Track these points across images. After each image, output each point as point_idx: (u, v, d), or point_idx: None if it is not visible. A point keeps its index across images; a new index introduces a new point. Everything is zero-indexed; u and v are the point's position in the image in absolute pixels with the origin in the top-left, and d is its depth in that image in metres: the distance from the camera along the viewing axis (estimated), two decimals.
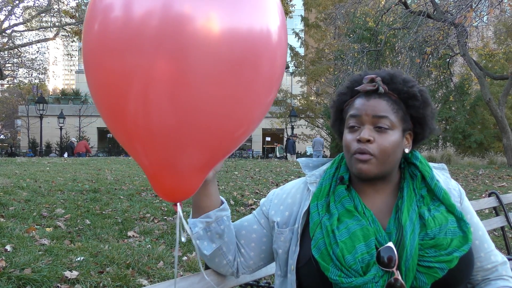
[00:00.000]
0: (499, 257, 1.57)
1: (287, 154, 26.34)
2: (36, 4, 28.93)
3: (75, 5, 26.83)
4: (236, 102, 1.18)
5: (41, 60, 37.08)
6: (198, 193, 1.49)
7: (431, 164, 1.61)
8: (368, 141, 1.44)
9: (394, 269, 1.32)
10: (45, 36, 31.85)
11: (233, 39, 1.11)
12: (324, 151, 28.77)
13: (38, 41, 31.50)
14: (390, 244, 1.35)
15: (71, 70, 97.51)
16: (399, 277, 1.31)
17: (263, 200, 1.72)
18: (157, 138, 1.18)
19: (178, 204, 1.36)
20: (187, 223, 1.52)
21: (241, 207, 7.04)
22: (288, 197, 1.64)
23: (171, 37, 1.07)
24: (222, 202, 1.59)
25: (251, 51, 1.15)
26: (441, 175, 1.60)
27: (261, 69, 1.20)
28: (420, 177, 1.51)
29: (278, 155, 33.32)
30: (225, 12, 1.11)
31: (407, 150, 1.52)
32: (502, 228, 4.18)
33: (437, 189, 1.48)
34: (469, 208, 1.59)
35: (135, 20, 1.09)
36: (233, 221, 1.71)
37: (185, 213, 6.27)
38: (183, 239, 1.45)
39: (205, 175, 1.35)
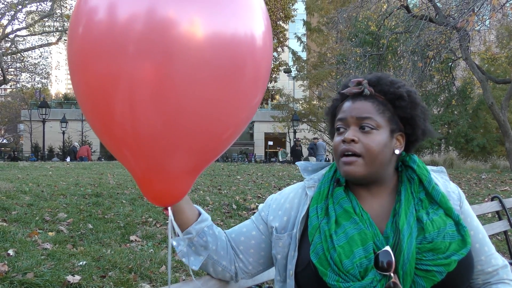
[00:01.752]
0: (500, 260, 1.56)
1: (309, 157, 25.50)
2: (39, 9, 29.08)
3: None
4: (222, 105, 1.18)
5: (44, 65, 37.26)
6: (173, 212, 1.48)
7: (429, 167, 1.61)
8: (353, 141, 1.45)
9: (391, 273, 1.32)
10: (47, 40, 31.99)
11: (218, 44, 1.12)
12: (327, 155, 28.59)
13: (41, 46, 31.66)
14: (387, 248, 1.35)
15: None
16: (397, 281, 1.31)
17: (261, 205, 1.72)
18: (145, 143, 1.18)
19: (169, 208, 1.36)
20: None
21: (244, 211, 7.05)
22: (286, 202, 1.63)
23: (155, 41, 1.07)
24: (200, 213, 1.58)
25: (235, 56, 1.16)
26: (440, 179, 1.59)
27: (246, 73, 1.21)
28: (418, 180, 1.51)
29: (281, 159, 33.28)
30: (209, 17, 1.11)
31: (397, 151, 1.52)
32: (505, 232, 4.17)
33: (435, 192, 1.47)
34: (469, 211, 1.57)
35: (120, 23, 1.09)
36: (234, 226, 1.71)
37: None
38: (174, 243, 1.45)
39: (195, 178, 1.35)
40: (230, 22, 1.15)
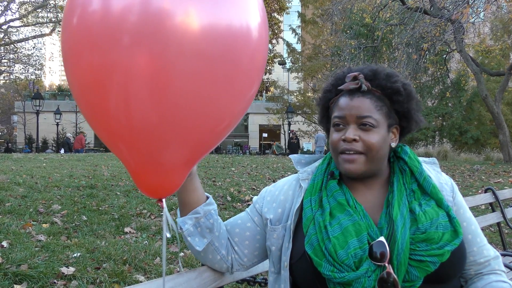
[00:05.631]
0: (492, 251, 1.58)
1: None
2: (32, 0, 28.84)
3: None
4: (217, 97, 1.18)
5: (38, 56, 37.00)
6: (185, 189, 1.49)
7: (421, 158, 1.62)
8: (354, 140, 1.45)
9: (386, 263, 1.33)
10: (41, 31, 31.81)
11: (213, 35, 1.11)
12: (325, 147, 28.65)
13: (35, 37, 31.47)
14: (382, 238, 1.36)
15: None
16: (392, 271, 1.32)
17: (256, 197, 1.72)
18: (139, 136, 1.17)
19: (163, 200, 1.36)
20: (175, 220, 1.52)
21: (238, 203, 7.05)
22: (281, 194, 1.64)
23: (150, 33, 1.06)
24: (208, 197, 1.60)
25: (230, 47, 1.15)
26: (432, 170, 1.61)
27: (241, 65, 1.20)
28: (409, 172, 1.52)
29: (277, 153, 33.26)
30: (204, 8, 1.10)
31: (393, 145, 1.54)
32: (498, 224, 4.20)
33: (426, 183, 1.49)
34: (462, 202, 1.59)
35: (114, 14, 1.08)
36: (229, 218, 1.71)
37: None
38: (168, 235, 1.45)
39: (189, 170, 1.35)
40: (225, 13, 1.14)
